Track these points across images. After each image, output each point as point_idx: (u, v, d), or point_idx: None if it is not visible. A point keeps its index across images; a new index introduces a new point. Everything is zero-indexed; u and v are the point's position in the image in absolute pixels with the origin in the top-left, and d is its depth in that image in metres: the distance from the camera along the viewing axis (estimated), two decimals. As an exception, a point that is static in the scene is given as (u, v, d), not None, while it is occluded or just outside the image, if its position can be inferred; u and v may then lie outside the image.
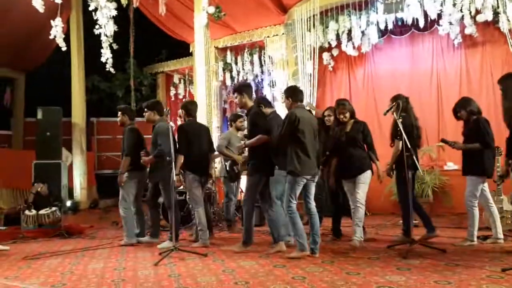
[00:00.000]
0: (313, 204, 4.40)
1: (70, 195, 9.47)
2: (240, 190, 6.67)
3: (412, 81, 8.52)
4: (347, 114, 5.04)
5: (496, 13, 7.14)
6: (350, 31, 8.29)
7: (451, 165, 7.54)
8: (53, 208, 6.15)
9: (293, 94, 4.53)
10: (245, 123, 5.88)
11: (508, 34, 7.04)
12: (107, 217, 8.02)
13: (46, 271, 3.92)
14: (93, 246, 5.07)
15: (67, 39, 8.36)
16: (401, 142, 4.57)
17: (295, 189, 4.25)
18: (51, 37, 7.01)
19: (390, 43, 8.76)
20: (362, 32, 8.24)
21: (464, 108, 4.80)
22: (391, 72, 8.76)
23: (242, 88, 4.84)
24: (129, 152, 5.18)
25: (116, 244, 5.18)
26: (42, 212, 6.07)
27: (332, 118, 5.35)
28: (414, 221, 4.93)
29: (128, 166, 5.17)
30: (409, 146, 4.32)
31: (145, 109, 5.33)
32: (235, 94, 4.86)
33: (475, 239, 4.60)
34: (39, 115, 8.39)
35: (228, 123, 6.80)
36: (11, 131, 11.42)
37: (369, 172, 4.84)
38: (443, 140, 4.94)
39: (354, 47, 8.45)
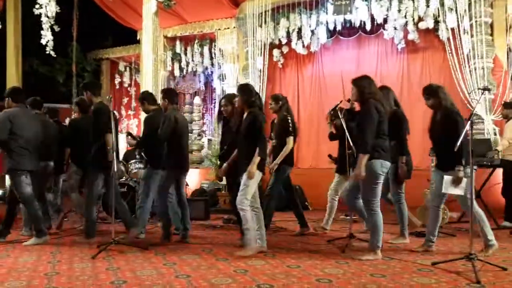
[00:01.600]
0: (184, 197, 4.88)
1: (2, 183, 8.87)
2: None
3: (357, 82, 8.83)
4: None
5: (436, 22, 7.56)
6: (300, 29, 8.45)
7: (389, 164, 7.89)
8: (-19, 197, 5.73)
9: (170, 96, 4.82)
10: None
11: (447, 42, 7.49)
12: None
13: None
14: (25, 238, 4.78)
15: (2, 17, 7.83)
16: (292, 138, 4.91)
17: (169, 183, 4.71)
18: (-17, 13, 6.49)
19: (338, 44, 9.02)
20: (312, 31, 8.44)
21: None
22: (337, 72, 8.99)
23: (88, 86, 5.05)
24: None
25: (52, 236, 4.92)
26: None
27: (229, 108, 4.73)
28: (354, 217, 5.09)
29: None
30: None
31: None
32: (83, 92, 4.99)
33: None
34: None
35: None
36: None
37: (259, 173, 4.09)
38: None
39: (303, 46, 8.62)
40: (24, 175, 4.57)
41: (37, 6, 7.52)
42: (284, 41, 8.65)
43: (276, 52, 9.04)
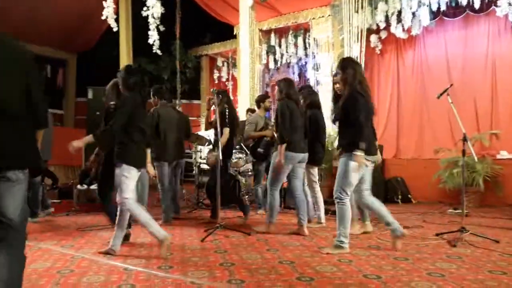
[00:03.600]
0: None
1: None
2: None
3: (465, 65, 8.14)
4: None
5: (563, -8, 6.66)
6: (400, 12, 7.99)
7: (504, 154, 7.19)
8: (103, 184, 6.39)
9: (158, 93, 5.35)
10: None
11: None
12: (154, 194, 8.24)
13: (98, 242, 4.10)
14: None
15: (116, 20, 8.55)
16: (227, 129, 5.06)
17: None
18: (103, 17, 7.19)
19: (442, 26, 8.38)
20: (413, 14, 7.92)
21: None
22: (442, 56, 8.40)
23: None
24: None
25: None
26: (93, 187, 6.33)
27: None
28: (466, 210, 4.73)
29: None
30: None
31: None
32: None
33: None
34: (90, 94, 8.64)
35: (255, 104, 6.54)
36: (63, 111, 11.93)
37: (123, 166, 3.56)
38: None
39: (403, 30, 8.16)
40: None
41: (144, 8, 8.12)
42: (382, 25, 8.25)
43: (373, 37, 8.67)
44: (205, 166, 7.12)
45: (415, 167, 7.69)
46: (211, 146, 7.32)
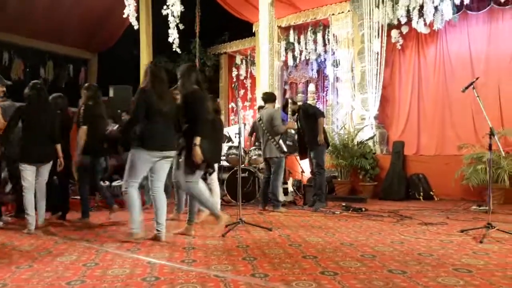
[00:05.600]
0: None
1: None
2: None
3: (489, 62, 7.97)
4: None
5: None
6: (422, 6, 7.88)
7: (531, 150, 7.00)
8: (125, 180, 6.47)
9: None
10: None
11: None
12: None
13: (121, 237, 4.15)
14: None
15: (136, 19, 8.65)
16: (85, 128, 4.92)
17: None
18: (125, 15, 7.27)
19: (466, 20, 8.23)
20: (435, 8, 7.80)
21: None
22: (465, 51, 8.25)
23: None
24: None
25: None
26: (115, 184, 6.42)
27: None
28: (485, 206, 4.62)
29: None
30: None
31: None
32: None
33: None
34: (111, 93, 8.76)
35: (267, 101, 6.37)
36: (85, 109, 12.11)
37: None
38: None
39: (425, 24, 8.04)
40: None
41: (164, 7, 8.18)
42: (403, 20, 8.13)
43: (394, 33, 8.56)
44: (224, 163, 7.14)
45: (437, 163, 7.57)
46: (230, 143, 7.39)
